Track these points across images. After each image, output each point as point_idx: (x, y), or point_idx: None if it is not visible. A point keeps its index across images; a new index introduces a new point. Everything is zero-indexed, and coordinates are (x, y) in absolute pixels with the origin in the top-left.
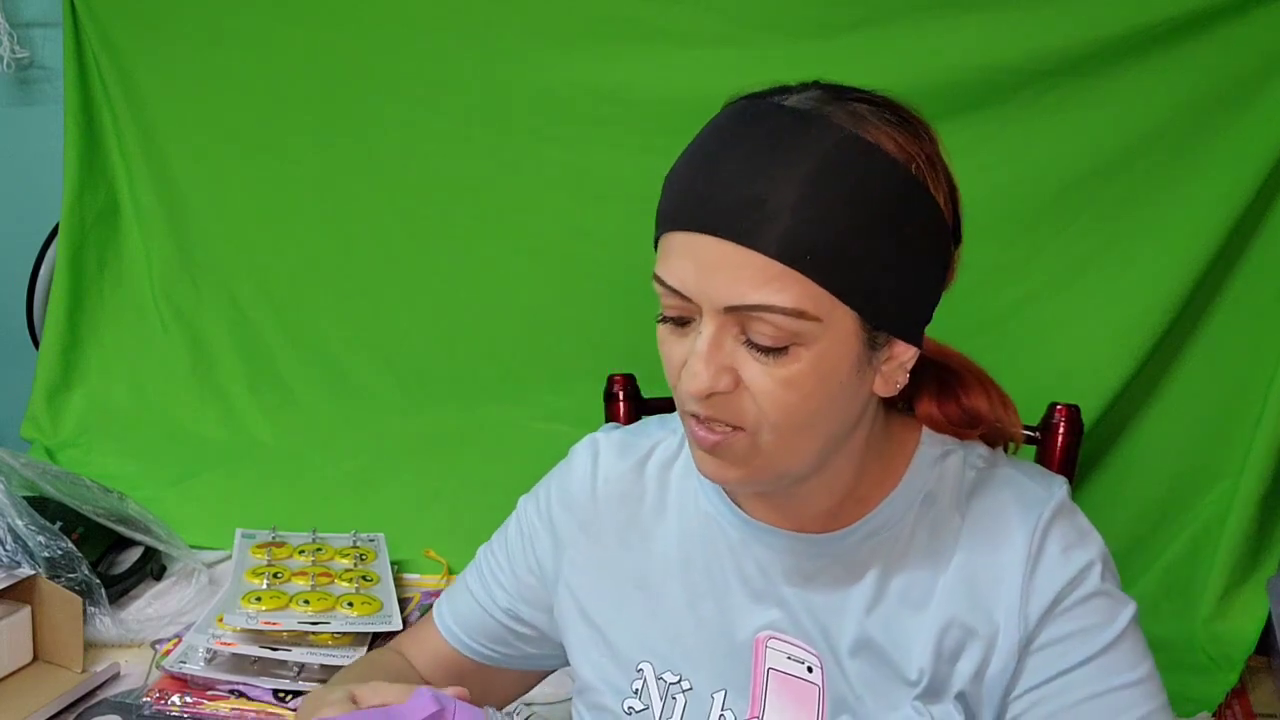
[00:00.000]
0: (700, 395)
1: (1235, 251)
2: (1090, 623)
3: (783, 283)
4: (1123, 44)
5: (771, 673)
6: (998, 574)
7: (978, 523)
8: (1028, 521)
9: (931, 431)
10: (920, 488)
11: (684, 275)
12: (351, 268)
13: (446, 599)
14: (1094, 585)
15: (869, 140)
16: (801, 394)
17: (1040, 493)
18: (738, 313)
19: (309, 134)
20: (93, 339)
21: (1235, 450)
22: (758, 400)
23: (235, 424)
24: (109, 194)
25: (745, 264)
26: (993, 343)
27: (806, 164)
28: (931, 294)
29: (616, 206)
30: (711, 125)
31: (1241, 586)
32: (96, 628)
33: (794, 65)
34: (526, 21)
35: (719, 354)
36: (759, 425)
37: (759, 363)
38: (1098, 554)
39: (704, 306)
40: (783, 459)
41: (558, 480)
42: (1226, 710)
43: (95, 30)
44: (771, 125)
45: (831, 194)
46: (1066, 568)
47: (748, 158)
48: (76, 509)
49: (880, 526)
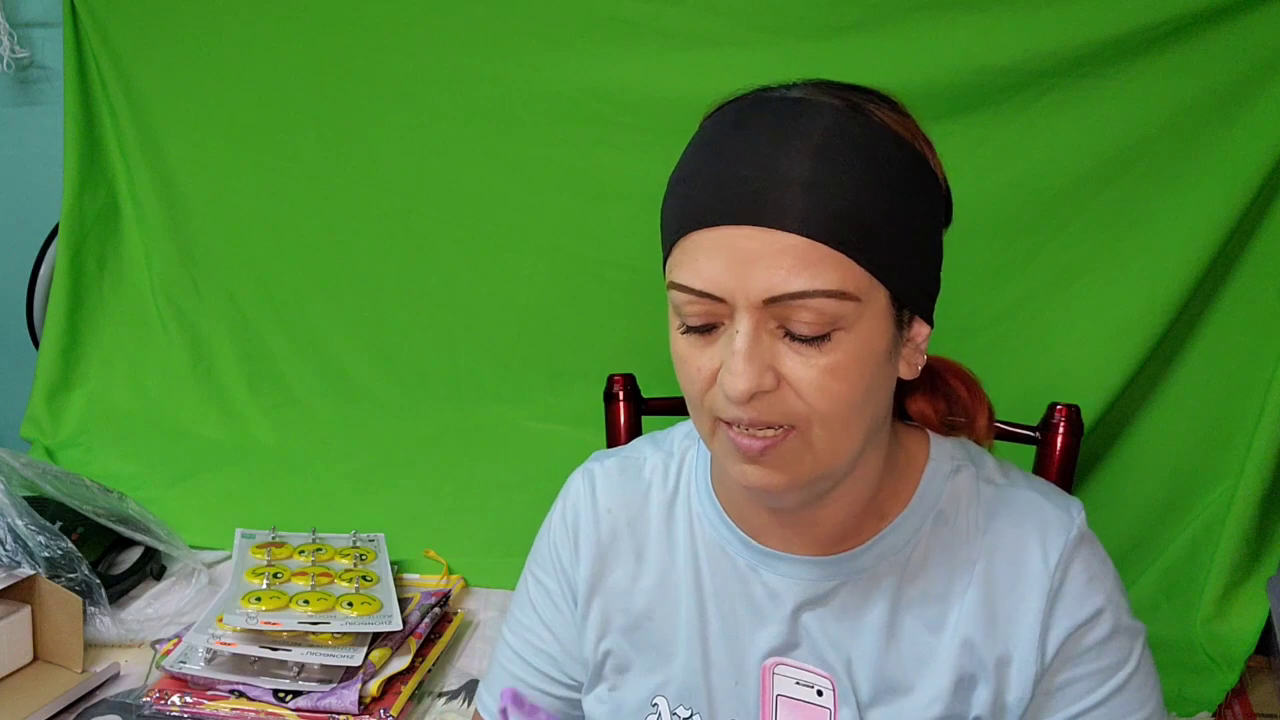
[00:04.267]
0: (744, 398)
1: (1235, 251)
2: (1108, 663)
3: (823, 266)
4: (1122, 44)
5: (780, 699)
6: (1017, 603)
7: (997, 547)
8: (1051, 551)
9: (939, 441)
10: (932, 505)
11: (714, 273)
12: (351, 268)
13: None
14: (1111, 623)
15: (874, 118)
16: (848, 381)
17: (1062, 518)
18: (778, 304)
19: (309, 134)
20: (93, 339)
21: (1235, 450)
22: (803, 395)
23: (235, 424)
24: (109, 194)
25: (785, 250)
26: (993, 343)
27: (814, 139)
28: (938, 270)
29: (616, 206)
30: (710, 124)
31: (1241, 586)
32: (96, 628)
33: (794, 65)
34: (526, 22)
35: (758, 351)
36: (809, 421)
37: (799, 355)
38: (1115, 585)
39: (738, 304)
40: (832, 454)
41: (557, 521)
42: (1226, 710)
43: (95, 30)
44: (777, 110)
45: (852, 170)
46: (1087, 603)
47: (765, 143)
48: (76, 509)
49: (893, 545)
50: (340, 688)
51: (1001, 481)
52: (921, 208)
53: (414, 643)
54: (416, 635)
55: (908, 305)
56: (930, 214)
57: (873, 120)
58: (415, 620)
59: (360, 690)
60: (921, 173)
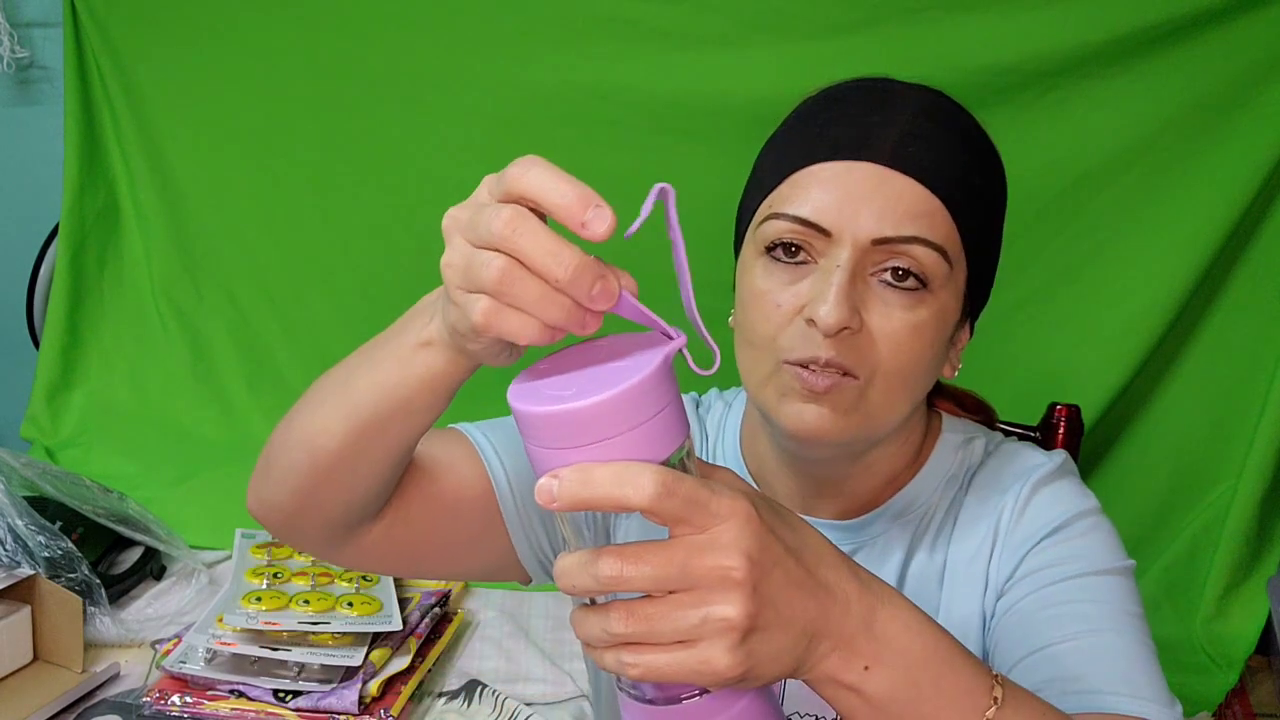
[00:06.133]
0: (834, 330)
1: (1235, 252)
2: (1078, 551)
3: (935, 219)
4: (1123, 45)
5: None
6: (988, 525)
7: (976, 493)
8: (1021, 478)
9: (951, 417)
10: (945, 471)
11: (826, 205)
12: (351, 268)
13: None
14: (1086, 527)
15: (967, 112)
16: (924, 342)
17: (1040, 458)
18: (886, 245)
19: (309, 134)
20: (93, 339)
21: (1235, 450)
22: (880, 345)
23: (235, 424)
24: (109, 194)
25: (904, 193)
26: (993, 343)
27: (959, 120)
28: (992, 280)
29: (616, 206)
30: (811, 99)
31: (1241, 586)
32: (96, 628)
33: (794, 65)
34: (527, 22)
35: (853, 290)
36: (873, 373)
37: (887, 305)
38: (1092, 506)
39: (845, 239)
40: (883, 414)
41: None
42: (1226, 710)
43: (95, 30)
44: (879, 85)
45: (978, 154)
46: (1055, 509)
47: (878, 102)
48: (76, 509)
49: (906, 507)
50: (340, 688)
51: (1003, 445)
52: (1001, 217)
53: (414, 643)
54: (416, 635)
55: (974, 296)
56: (1001, 225)
57: (967, 113)
58: (415, 620)
59: (360, 690)
60: (1004, 186)
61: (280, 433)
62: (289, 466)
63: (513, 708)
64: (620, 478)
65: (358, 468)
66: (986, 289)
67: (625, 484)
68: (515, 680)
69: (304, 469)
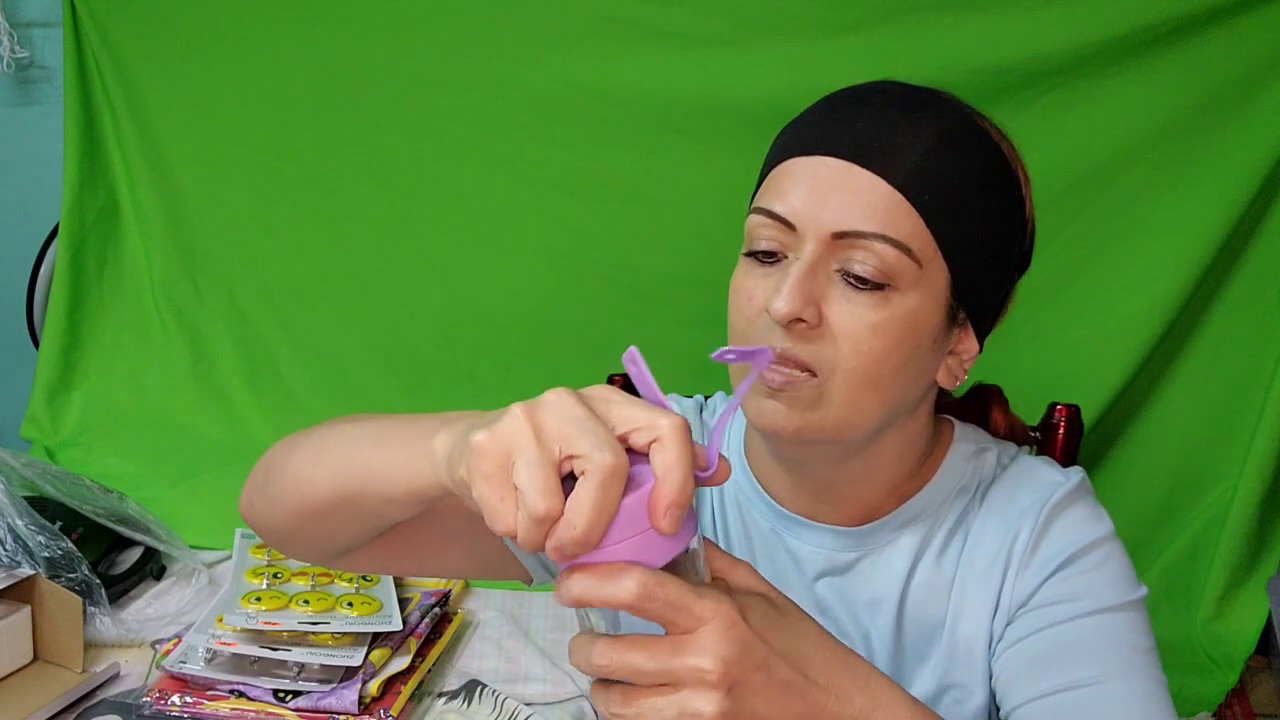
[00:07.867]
0: (785, 319)
1: (1235, 251)
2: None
3: (897, 215)
4: (1122, 44)
5: None
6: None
7: (990, 507)
8: (1037, 499)
9: (965, 425)
10: (956, 482)
11: (793, 200)
12: (351, 268)
13: None
14: (1100, 558)
15: (987, 125)
16: (885, 342)
17: (1056, 476)
18: (844, 240)
19: (309, 134)
20: (93, 339)
21: (1235, 450)
22: (839, 342)
23: (235, 424)
24: (109, 194)
25: (865, 189)
26: (993, 343)
27: (940, 122)
28: (1003, 297)
29: (616, 206)
30: (831, 95)
31: (1241, 586)
32: (96, 628)
33: (794, 65)
34: (526, 22)
35: (811, 283)
36: (832, 371)
37: (849, 302)
38: (1107, 533)
39: (808, 233)
40: (848, 415)
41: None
42: (1226, 710)
43: (95, 30)
44: (897, 90)
45: (958, 154)
46: (1069, 537)
47: (880, 107)
48: (76, 509)
49: (915, 515)
50: (340, 688)
51: (1018, 459)
52: (1004, 225)
53: (414, 643)
54: (416, 635)
55: (964, 303)
56: (1010, 233)
57: (984, 124)
58: (415, 620)
59: (360, 690)
60: (1012, 194)
61: (280, 456)
62: (279, 496)
63: (513, 708)
64: (606, 579)
65: (343, 521)
66: (991, 297)
67: (610, 585)
68: (515, 680)
69: (292, 507)
